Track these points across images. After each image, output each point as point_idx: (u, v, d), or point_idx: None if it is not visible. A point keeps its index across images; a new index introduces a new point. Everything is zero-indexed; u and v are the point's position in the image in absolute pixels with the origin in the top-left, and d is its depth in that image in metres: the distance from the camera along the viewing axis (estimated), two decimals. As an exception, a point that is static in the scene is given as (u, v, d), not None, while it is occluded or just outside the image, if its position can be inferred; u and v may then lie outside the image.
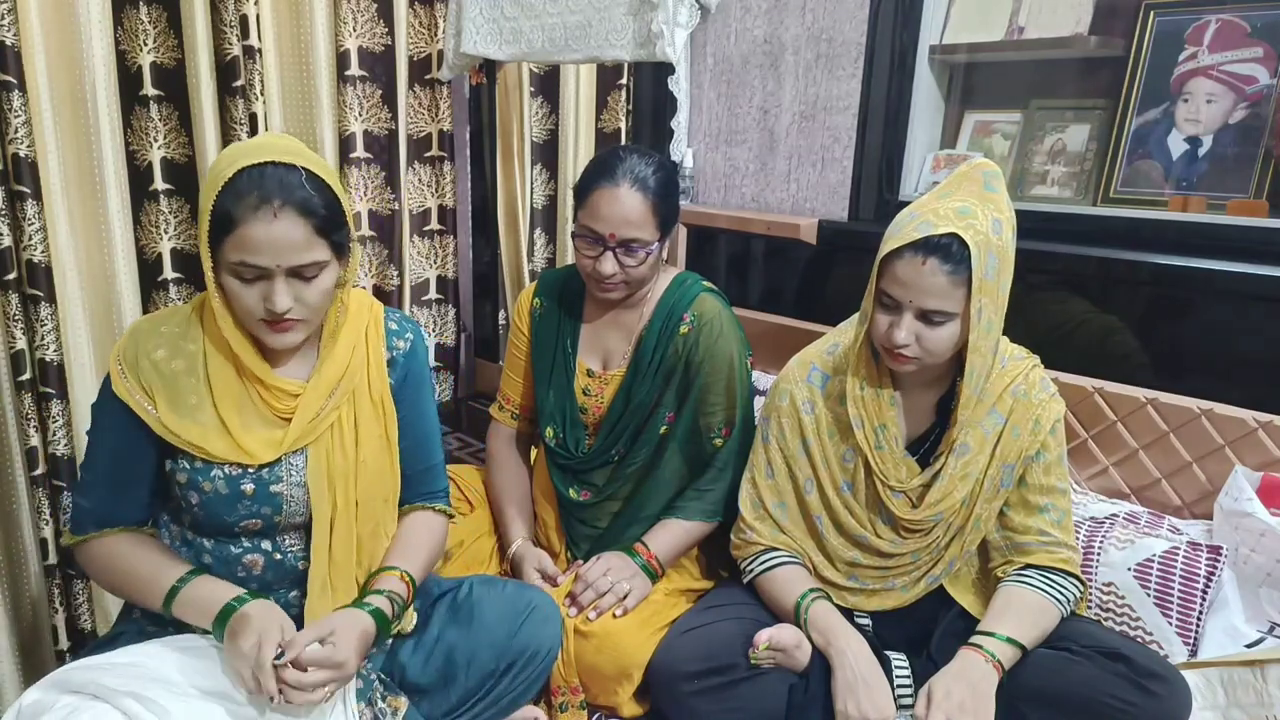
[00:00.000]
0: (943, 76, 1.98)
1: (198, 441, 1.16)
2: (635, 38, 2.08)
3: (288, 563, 1.24)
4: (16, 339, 1.61)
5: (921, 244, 1.20)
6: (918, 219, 1.22)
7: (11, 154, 1.56)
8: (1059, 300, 1.70)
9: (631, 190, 1.45)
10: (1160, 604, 1.40)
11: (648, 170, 1.47)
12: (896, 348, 1.25)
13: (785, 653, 1.30)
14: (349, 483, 1.24)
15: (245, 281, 1.12)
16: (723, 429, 1.57)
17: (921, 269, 1.20)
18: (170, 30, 1.79)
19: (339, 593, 1.24)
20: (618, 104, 2.47)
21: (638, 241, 1.47)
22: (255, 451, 1.18)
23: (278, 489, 1.20)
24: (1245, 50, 1.59)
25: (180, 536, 1.24)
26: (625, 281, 1.50)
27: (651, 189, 1.47)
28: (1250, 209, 1.57)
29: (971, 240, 1.18)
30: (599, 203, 1.46)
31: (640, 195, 1.45)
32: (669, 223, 1.53)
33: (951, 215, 1.20)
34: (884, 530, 1.38)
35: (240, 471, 1.18)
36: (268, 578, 1.23)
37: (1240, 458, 1.47)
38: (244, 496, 1.18)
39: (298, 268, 1.12)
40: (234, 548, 1.22)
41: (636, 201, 1.45)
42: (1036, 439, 1.32)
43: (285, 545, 1.24)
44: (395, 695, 1.24)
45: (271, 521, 1.21)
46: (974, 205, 1.22)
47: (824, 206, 2.09)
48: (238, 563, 1.22)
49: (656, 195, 1.47)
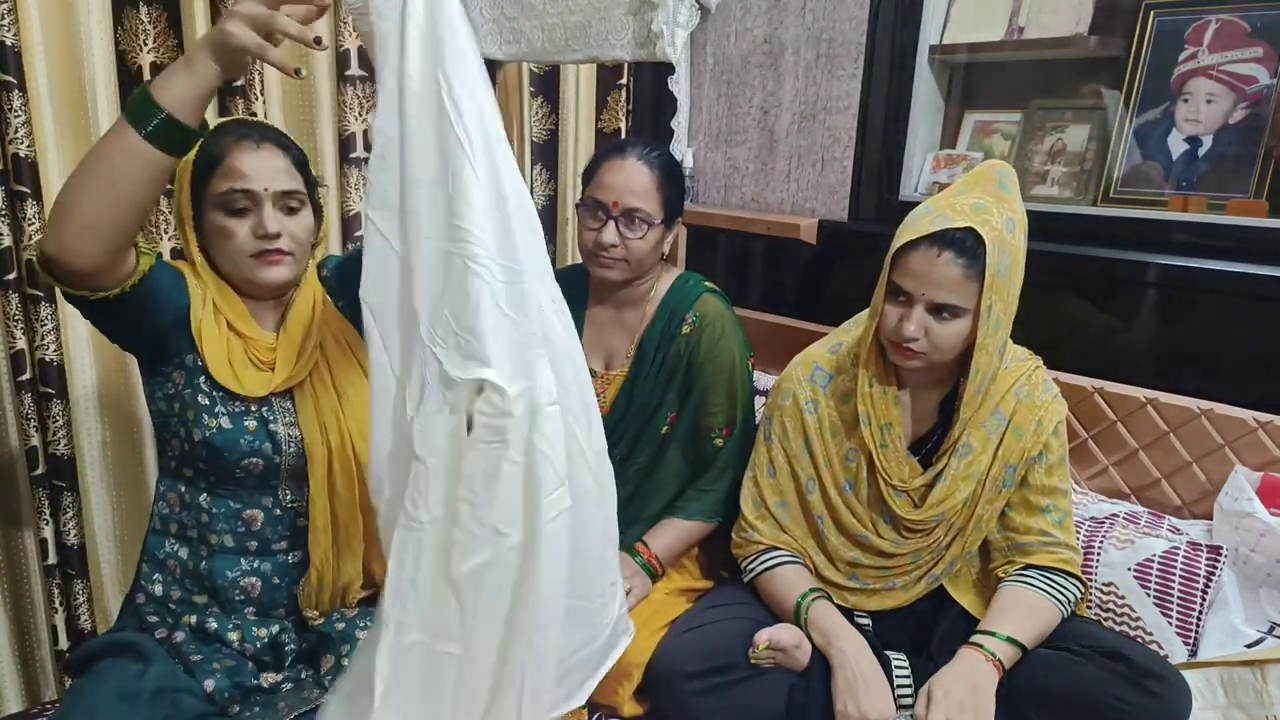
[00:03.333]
0: (943, 76, 1.98)
1: (208, 353, 1.20)
2: (635, 38, 2.07)
3: (287, 518, 1.25)
4: (16, 339, 1.61)
5: (938, 237, 1.21)
6: (934, 213, 1.23)
7: (11, 154, 1.56)
8: (1059, 300, 1.71)
9: (638, 162, 1.51)
10: (1160, 604, 1.40)
11: (654, 153, 1.54)
12: (905, 341, 1.25)
13: (785, 652, 1.30)
14: (338, 418, 1.26)
15: (235, 214, 1.18)
16: (724, 429, 1.57)
17: (936, 261, 1.21)
18: (170, 30, 1.79)
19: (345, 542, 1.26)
20: (618, 104, 2.46)
21: (640, 212, 1.49)
22: (249, 386, 1.22)
23: (274, 428, 1.23)
24: (1245, 50, 1.59)
25: (179, 501, 1.25)
26: (625, 259, 1.51)
27: (658, 166, 1.52)
28: (1250, 209, 1.57)
29: (987, 236, 1.19)
30: (605, 173, 1.51)
31: (646, 168, 1.51)
32: (673, 208, 1.55)
33: (968, 211, 1.21)
34: (885, 530, 1.38)
35: (243, 409, 1.22)
36: (267, 533, 1.24)
37: (1240, 458, 1.47)
38: (246, 432, 1.21)
39: (283, 194, 1.20)
40: (233, 502, 1.23)
41: (642, 172, 1.50)
42: (1039, 440, 1.32)
43: (285, 500, 1.25)
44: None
45: (272, 462, 1.23)
46: (990, 203, 1.22)
47: (824, 206, 2.09)
48: (237, 518, 1.23)
49: (662, 173, 1.52)
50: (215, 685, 1.17)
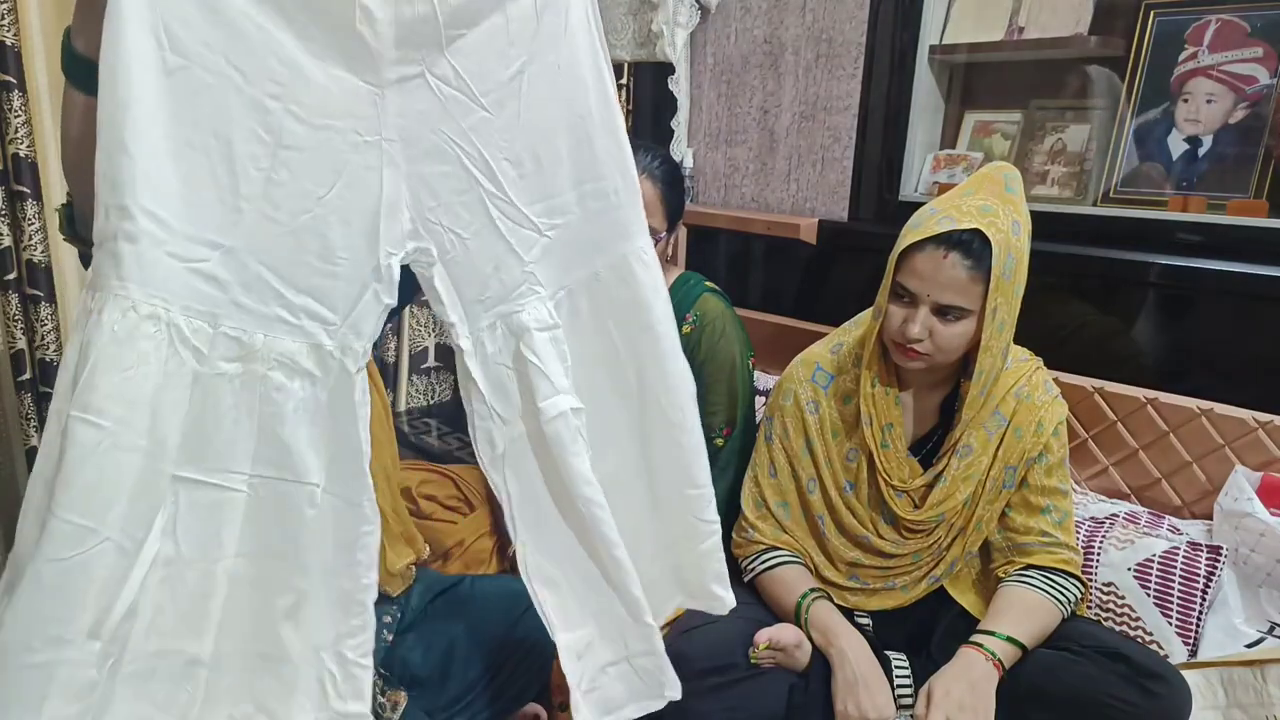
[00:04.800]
0: (942, 76, 1.98)
1: None
2: (635, 38, 2.08)
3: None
4: (16, 339, 1.61)
5: (944, 238, 1.21)
6: (939, 214, 1.23)
7: (11, 154, 1.56)
8: (1059, 300, 1.71)
9: (642, 177, 1.48)
10: (1160, 604, 1.40)
11: (654, 162, 1.52)
12: (909, 342, 1.25)
13: (785, 652, 1.30)
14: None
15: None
16: (724, 429, 1.57)
17: (942, 263, 1.21)
18: (170, 30, 1.79)
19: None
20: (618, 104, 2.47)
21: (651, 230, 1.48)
22: None
23: None
24: (1245, 50, 1.59)
25: None
26: None
27: (660, 179, 1.51)
28: (1250, 209, 1.57)
29: (994, 238, 1.19)
30: None
31: (650, 183, 1.49)
32: (676, 214, 1.55)
33: (975, 212, 1.21)
34: (886, 530, 1.38)
35: None
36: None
37: (1240, 458, 1.47)
38: None
39: None
40: None
41: (647, 188, 1.49)
42: (1039, 441, 1.32)
43: None
44: (395, 690, 1.25)
45: None
46: (996, 205, 1.23)
47: (824, 206, 2.09)
48: None
49: (665, 185, 1.51)
50: None
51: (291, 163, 0.83)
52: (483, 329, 0.98)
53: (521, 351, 0.98)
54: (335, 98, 0.83)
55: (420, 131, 0.88)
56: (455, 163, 0.91)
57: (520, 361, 0.98)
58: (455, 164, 0.91)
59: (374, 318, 0.90)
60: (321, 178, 0.84)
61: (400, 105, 0.86)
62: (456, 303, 0.95)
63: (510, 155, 0.94)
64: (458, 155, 0.91)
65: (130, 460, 0.78)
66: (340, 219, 0.86)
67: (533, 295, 0.99)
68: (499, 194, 0.94)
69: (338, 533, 0.90)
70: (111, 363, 0.76)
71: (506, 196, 0.95)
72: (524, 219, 0.97)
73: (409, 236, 0.90)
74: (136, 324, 0.77)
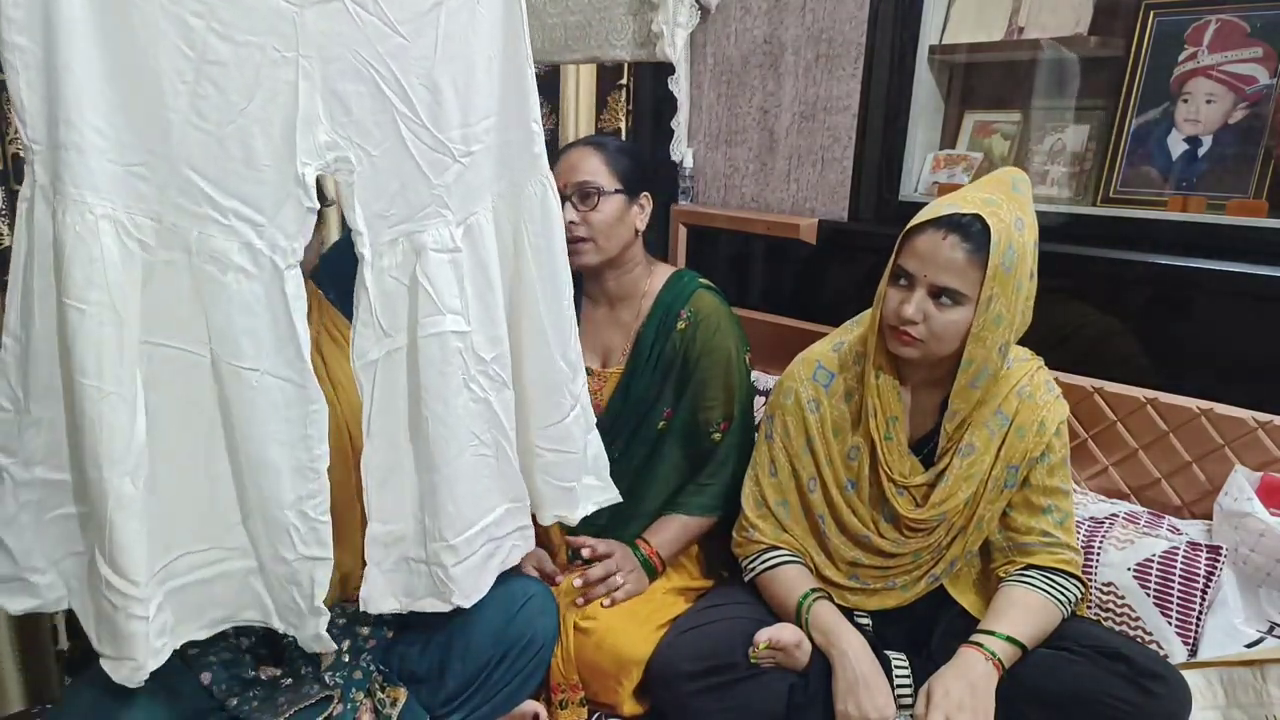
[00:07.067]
0: (942, 76, 1.98)
1: None
2: (635, 38, 2.08)
3: None
4: (16, 338, 1.61)
5: (945, 220, 1.23)
6: (944, 201, 1.26)
7: (12, 154, 1.56)
8: (1059, 300, 1.70)
9: (585, 147, 1.57)
10: (1160, 604, 1.40)
11: (607, 138, 1.59)
12: (903, 324, 1.25)
13: (785, 652, 1.30)
14: (335, 408, 1.23)
15: None
16: (721, 423, 1.57)
17: (942, 244, 1.22)
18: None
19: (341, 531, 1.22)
20: (618, 104, 2.46)
21: (588, 184, 1.52)
22: None
23: None
24: (1245, 50, 1.59)
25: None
26: (590, 237, 1.52)
27: (607, 146, 1.57)
28: (1250, 209, 1.57)
29: (994, 226, 1.21)
30: (557, 165, 1.53)
31: (592, 149, 1.56)
32: (633, 179, 1.56)
33: (979, 202, 1.24)
34: (887, 529, 1.38)
35: None
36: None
37: (1240, 458, 1.47)
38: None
39: None
40: None
41: (587, 153, 1.55)
42: (1041, 440, 1.33)
43: None
44: (394, 686, 1.25)
45: None
46: (1001, 200, 1.25)
47: (824, 206, 2.09)
48: None
49: (612, 150, 1.56)
50: (213, 677, 1.17)
51: (215, 76, 0.92)
52: (384, 243, 1.05)
53: (417, 270, 1.06)
54: (256, 15, 0.92)
55: (338, 51, 0.96)
56: (370, 83, 0.98)
57: (413, 279, 1.07)
58: (370, 84, 0.99)
59: (298, 220, 0.99)
60: (243, 90, 0.93)
61: (318, 25, 0.94)
62: (360, 214, 1.02)
63: (427, 82, 1.01)
64: (373, 77, 0.98)
65: (109, 333, 0.93)
66: (262, 129, 0.95)
67: (438, 218, 1.07)
68: (413, 117, 1.02)
69: (286, 409, 1.02)
70: (82, 256, 0.91)
71: (420, 120, 1.02)
72: (438, 143, 1.04)
73: (327, 147, 0.99)
74: (95, 224, 0.91)
